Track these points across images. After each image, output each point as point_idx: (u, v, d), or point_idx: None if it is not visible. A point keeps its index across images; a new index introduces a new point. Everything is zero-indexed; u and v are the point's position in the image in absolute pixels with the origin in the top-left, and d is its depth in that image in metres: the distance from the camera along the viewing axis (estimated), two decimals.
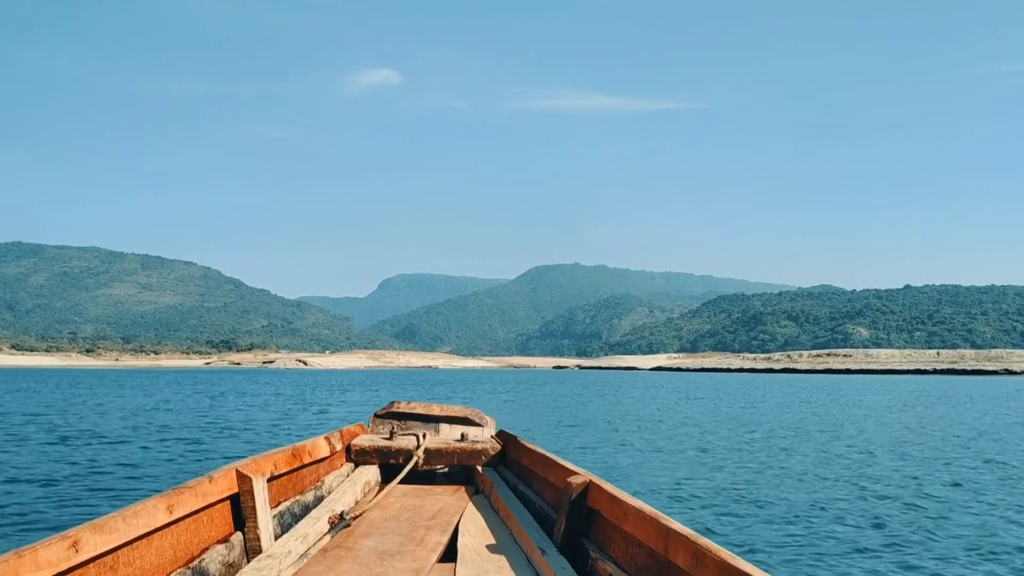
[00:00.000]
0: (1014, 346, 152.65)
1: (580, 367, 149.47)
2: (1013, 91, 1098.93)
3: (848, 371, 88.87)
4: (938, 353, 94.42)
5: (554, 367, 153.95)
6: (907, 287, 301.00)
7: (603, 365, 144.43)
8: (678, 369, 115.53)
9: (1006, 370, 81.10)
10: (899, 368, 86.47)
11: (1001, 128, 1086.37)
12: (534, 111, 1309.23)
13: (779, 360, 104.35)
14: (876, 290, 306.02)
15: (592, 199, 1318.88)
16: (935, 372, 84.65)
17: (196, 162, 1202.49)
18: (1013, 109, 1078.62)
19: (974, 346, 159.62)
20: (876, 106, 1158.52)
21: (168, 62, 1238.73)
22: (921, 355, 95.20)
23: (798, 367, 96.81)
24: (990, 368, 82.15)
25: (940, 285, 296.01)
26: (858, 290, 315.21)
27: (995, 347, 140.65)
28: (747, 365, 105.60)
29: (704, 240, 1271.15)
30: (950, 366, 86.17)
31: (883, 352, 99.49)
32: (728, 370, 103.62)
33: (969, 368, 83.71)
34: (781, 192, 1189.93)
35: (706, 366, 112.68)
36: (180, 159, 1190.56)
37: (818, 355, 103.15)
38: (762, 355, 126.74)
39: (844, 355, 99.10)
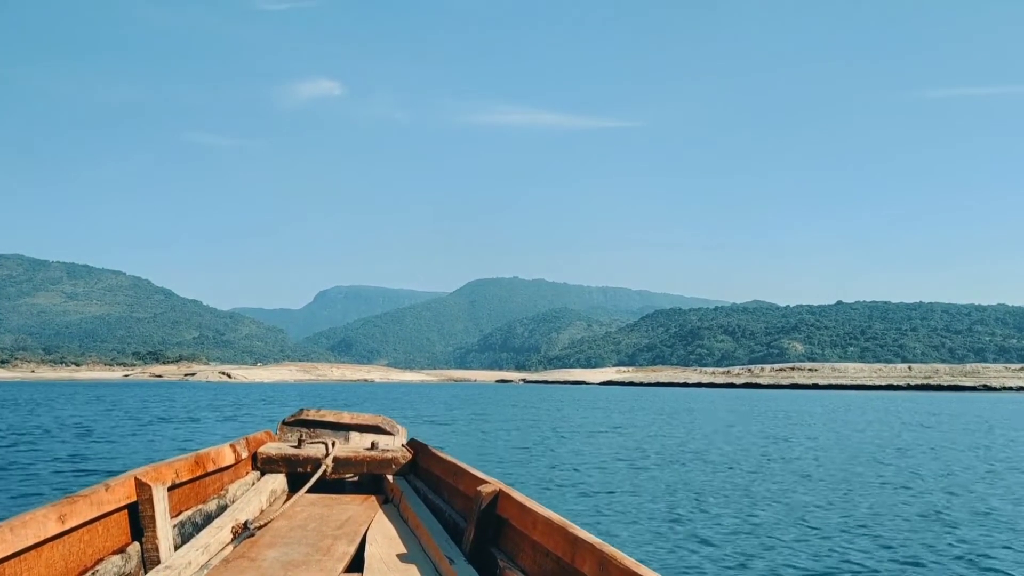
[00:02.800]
0: (943, 361, 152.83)
1: (525, 381, 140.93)
2: (940, 116, 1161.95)
3: (816, 386, 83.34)
4: (910, 368, 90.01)
5: (497, 381, 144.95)
6: (839, 303, 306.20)
7: (549, 379, 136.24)
8: (630, 383, 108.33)
9: (984, 386, 76.96)
10: (869, 383, 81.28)
11: (926, 152, 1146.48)
12: (475, 125, 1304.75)
13: (739, 375, 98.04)
14: (809, 306, 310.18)
15: (532, 214, 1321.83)
16: (908, 388, 79.99)
17: (128, 169, 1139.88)
18: (938, 134, 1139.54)
19: (905, 361, 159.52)
20: (805, 127, 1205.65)
21: (100, 66, 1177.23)
22: (892, 369, 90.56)
23: (760, 382, 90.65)
24: (968, 384, 77.64)
25: (871, 301, 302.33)
26: (791, 306, 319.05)
27: (926, 362, 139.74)
28: (705, 380, 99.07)
29: (640, 256, 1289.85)
30: (924, 381, 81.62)
31: (851, 366, 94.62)
32: (685, 384, 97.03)
33: (945, 384, 79.31)
34: (713, 209, 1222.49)
35: (661, 380, 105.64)
36: (111, 165, 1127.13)
37: (781, 369, 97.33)
38: (720, 369, 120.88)
39: (810, 369, 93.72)
